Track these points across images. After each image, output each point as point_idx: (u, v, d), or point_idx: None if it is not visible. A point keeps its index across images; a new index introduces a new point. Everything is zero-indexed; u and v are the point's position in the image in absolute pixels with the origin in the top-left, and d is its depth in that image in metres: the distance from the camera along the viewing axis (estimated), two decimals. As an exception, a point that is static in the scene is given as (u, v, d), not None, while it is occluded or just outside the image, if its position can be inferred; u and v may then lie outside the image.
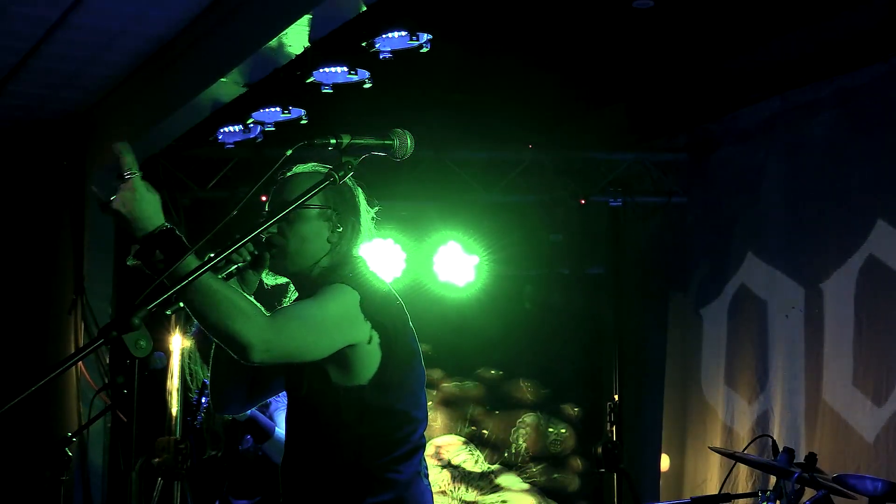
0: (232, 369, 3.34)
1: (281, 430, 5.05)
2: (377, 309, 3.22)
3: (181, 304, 2.96)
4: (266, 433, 5.04)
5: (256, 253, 3.23)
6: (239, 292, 3.02)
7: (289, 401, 3.41)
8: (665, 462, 7.69)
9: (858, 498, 4.77)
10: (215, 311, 2.91)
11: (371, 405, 3.22)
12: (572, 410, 8.33)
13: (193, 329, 5.14)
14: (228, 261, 3.14)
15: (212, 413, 5.13)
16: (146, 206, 2.90)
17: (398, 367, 3.26)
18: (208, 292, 2.90)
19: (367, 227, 3.44)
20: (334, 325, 3.15)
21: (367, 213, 3.46)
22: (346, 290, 3.18)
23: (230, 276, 3.16)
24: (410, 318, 3.39)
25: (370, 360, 3.21)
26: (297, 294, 3.37)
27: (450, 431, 8.13)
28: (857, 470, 5.97)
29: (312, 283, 3.26)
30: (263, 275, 3.33)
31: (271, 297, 3.29)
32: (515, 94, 7.48)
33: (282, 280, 3.38)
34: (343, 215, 3.38)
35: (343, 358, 3.18)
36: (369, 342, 3.19)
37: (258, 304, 3.02)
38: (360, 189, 3.48)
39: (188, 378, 5.30)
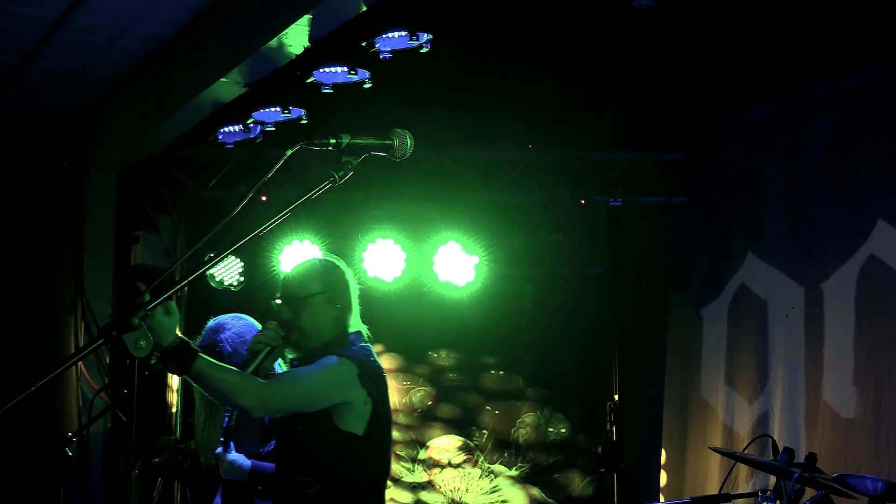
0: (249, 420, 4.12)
1: None
2: (371, 381, 4.02)
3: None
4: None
5: (284, 334, 4.00)
6: (231, 370, 3.82)
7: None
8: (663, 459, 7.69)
9: (858, 498, 4.77)
10: (218, 392, 3.77)
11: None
12: (572, 410, 8.33)
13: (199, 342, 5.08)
14: (266, 344, 3.95)
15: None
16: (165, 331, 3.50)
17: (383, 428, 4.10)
18: (207, 379, 3.70)
19: (355, 300, 4.18)
20: (325, 388, 3.97)
21: (355, 288, 4.21)
22: (343, 361, 3.98)
23: (268, 354, 3.95)
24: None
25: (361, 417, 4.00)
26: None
27: (449, 431, 8.13)
28: (857, 470, 5.96)
29: (321, 355, 4.02)
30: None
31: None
32: (515, 93, 7.48)
33: None
34: (339, 294, 4.12)
35: (338, 411, 3.98)
36: (364, 405, 3.99)
37: (250, 376, 3.86)
38: (348, 268, 4.24)
39: (197, 398, 5.20)
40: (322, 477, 3.98)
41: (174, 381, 7.39)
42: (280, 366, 5.04)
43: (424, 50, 5.70)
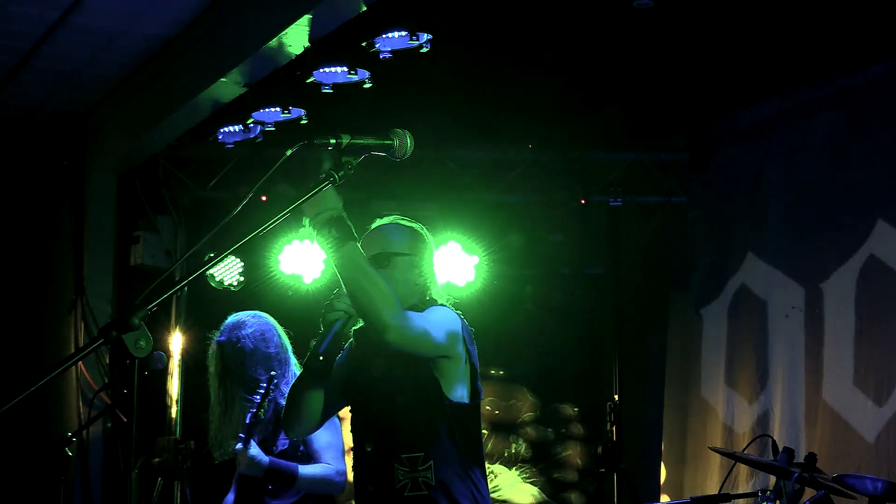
0: (312, 398, 3.71)
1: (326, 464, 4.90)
2: (470, 339, 3.69)
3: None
4: (291, 476, 4.82)
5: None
6: (384, 278, 3.39)
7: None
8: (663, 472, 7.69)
9: (858, 498, 4.77)
10: (362, 290, 3.33)
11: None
12: (572, 410, 8.33)
13: (218, 338, 5.06)
14: (345, 312, 3.54)
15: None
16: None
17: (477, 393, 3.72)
18: (358, 268, 3.32)
19: (435, 272, 3.82)
20: (451, 330, 3.58)
21: (436, 258, 3.84)
22: (448, 309, 3.66)
23: (346, 323, 3.55)
24: None
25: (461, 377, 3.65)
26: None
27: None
28: (857, 470, 5.96)
29: None
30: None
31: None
32: (515, 93, 7.48)
33: None
34: (424, 260, 3.76)
35: (447, 376, 3.63)
36: (465, 363, 3.64)
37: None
38: (430, 236, 3.86)
39: (212, 394, 5.16)
40: (434, 451, 3.61)
41: (173, 387, 7.37)
42: (296, 366, 5.00)
43: (424, 50, 5.70)
